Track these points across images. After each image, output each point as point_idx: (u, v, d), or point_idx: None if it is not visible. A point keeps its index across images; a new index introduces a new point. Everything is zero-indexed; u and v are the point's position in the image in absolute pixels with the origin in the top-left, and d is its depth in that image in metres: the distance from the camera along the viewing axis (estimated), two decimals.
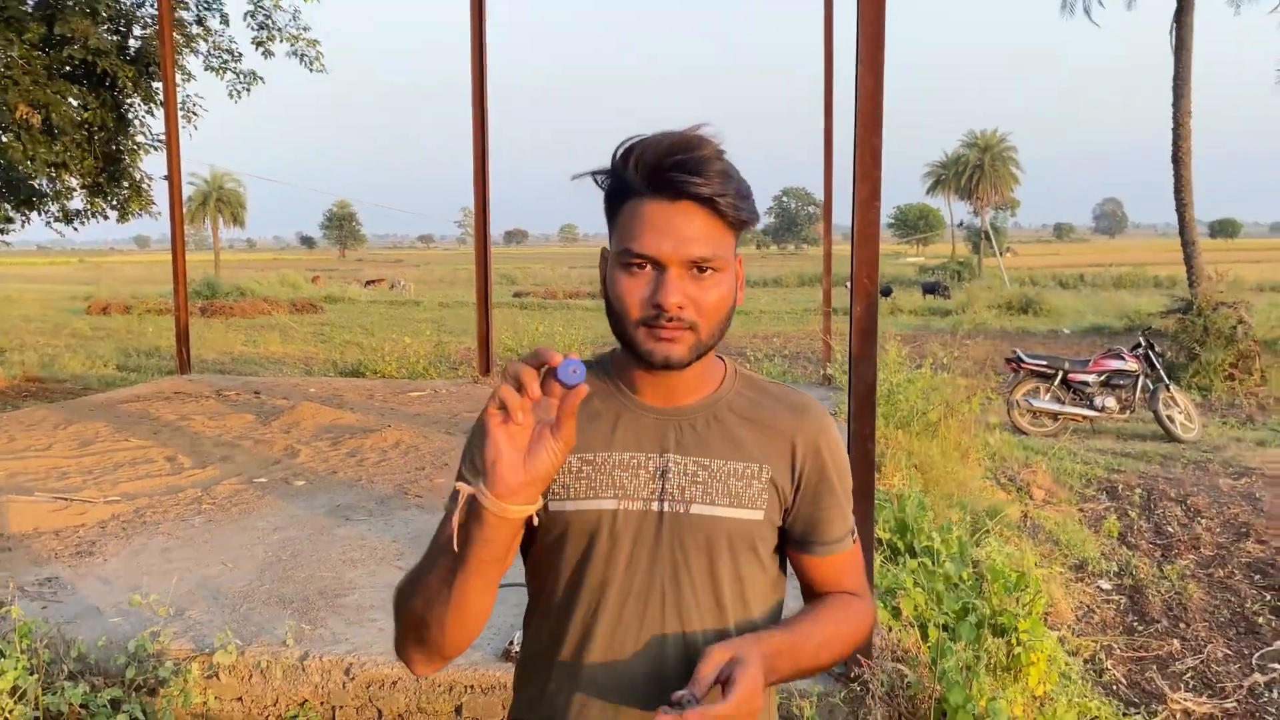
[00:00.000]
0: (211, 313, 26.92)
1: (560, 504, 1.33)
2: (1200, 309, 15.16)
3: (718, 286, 1.25)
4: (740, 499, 1.33)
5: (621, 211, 1.27)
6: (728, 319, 1.30)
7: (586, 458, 1.33)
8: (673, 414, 1.35)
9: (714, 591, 1.33)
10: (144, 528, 4.96)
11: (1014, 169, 66.34)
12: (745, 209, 1.26)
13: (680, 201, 1.22)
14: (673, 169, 1.21)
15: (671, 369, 1.27)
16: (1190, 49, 17.82)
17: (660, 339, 1.25)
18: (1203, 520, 7.14)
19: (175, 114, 9.81)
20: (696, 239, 1.22)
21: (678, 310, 1.23)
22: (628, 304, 1.25)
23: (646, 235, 1.23)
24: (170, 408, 8.29)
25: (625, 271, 1.25)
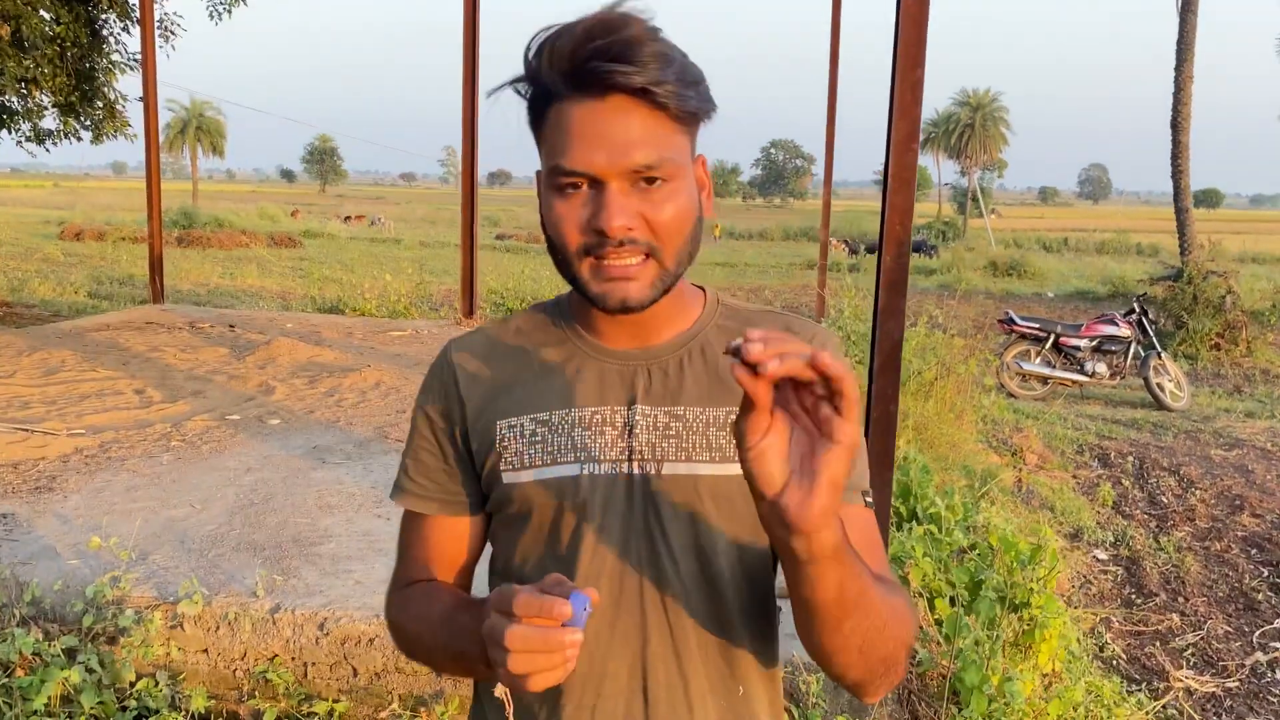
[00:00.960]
0: (188, 243, 26.39)
1: (515, 475, 1.11)
2: (1190, 277, 15.05)
3: (673, 198, 1.01)
4: (724, 451, 1.08)
5: (545, 122, 1.02)
6: (694, 236, 1.05)
7: (541, 418, 1.11)
8: (640, 357, 1.12)
9: (700, 564, 1.08)
10: (108, 463, 4.71)
11: (1004, 130, 65.95)
12: (692, 96, 1.00)
13: (609, 97, 0.97)
14: (593, 57, 0.96)
15: (631, 312, 1.04)
16: (1196, 11, 17.49)
17: (612, 277, 1.01)
18: (1197, 491, 7.03)
19: (152, 32, 9.37)
20: (636, 142, 0.98)
21: (625, 232, 0.99)
22: (564, 233, 1.02)
23: (576, 146, 0.98)
24: (141, 338, 7.99)
25: (558, 195, 1.02)
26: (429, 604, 1.15)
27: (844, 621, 0.93)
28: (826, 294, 9.80)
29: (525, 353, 1.15)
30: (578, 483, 1.08)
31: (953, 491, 4.38)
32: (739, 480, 1.05)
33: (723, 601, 1.09)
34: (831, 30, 9.36)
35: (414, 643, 1.18)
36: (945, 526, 3.92)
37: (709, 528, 1.08)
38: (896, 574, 3.48)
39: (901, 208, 2.75)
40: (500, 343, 1.17)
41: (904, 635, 1.01)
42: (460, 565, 1.21)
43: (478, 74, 8.96)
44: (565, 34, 0.98)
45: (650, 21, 0.98)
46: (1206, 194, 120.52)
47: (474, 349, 1.18)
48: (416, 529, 1.20)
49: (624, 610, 1.08)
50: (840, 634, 0.94)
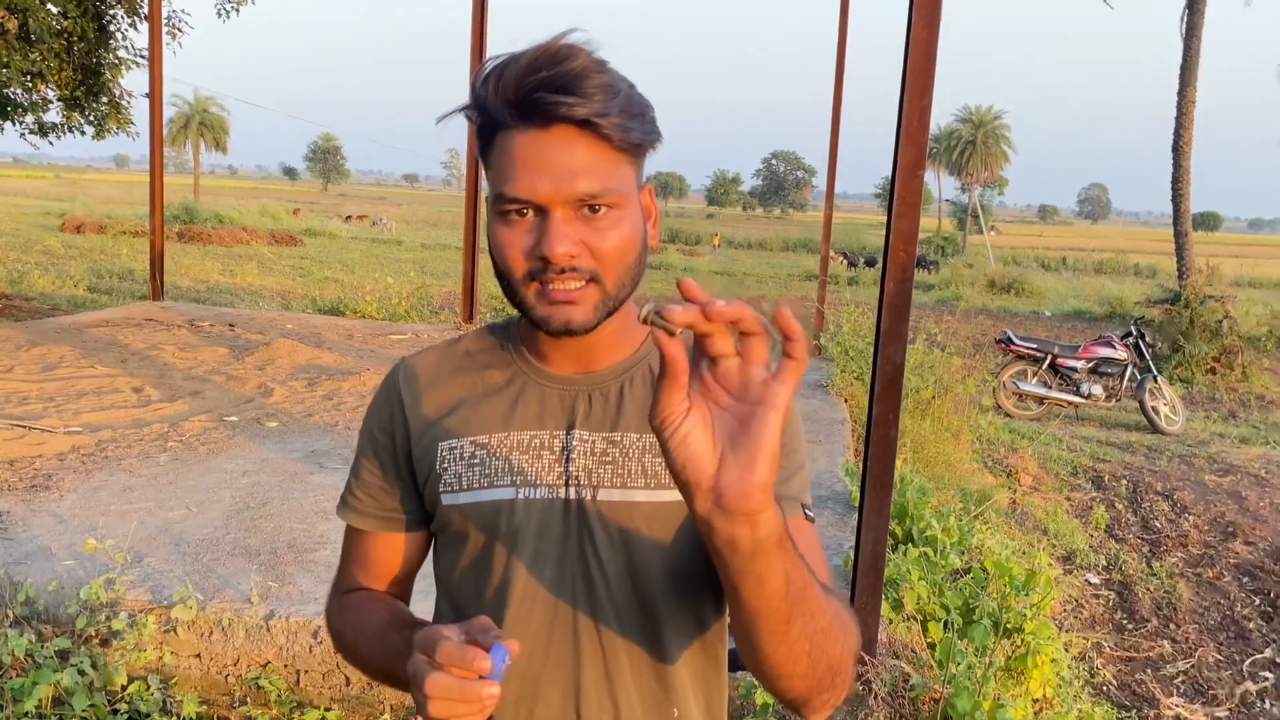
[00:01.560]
0: (189, 238, 26.37)
1: (453, 496, 1.12)
2: (1188, 301, 15.08)
3: (617, 227, 1.03)
4: (660, 478, 1.09)
5: (492, 150, 1.04)
6: (638, 265, 1.06)
7: (481, 441, 1.12)
8: (582, 382, 1.13)
9: (634, 590, 1.09)
10: (105, 463, 4.70)
11: (1005, 147, 66.14)
12: (636, 128, 1.01)
13: (553, 128, 0.99)
14: (538, 88, 0.97)
15: (574, 334, 1.04)
16: (1200, 37, 17.57)
17: (555, 300, 1.03)
18: (1190, 517, 7.04)
19: (159, 28, 9.38)
20: (580, 171, 0.99)
21: (568, 260, 1.00)
22: (509, 260, 1.03)
23: (520, 175, 1.00)
24: (140, 335, 7.99)
25: (502, 221, 1.03)
26: (366, 614, 1.20)
27: (793, 621, 0.88)
28: (825, 309, 9.81)
29: (471, 374, 1.17)
30: (513, 506, 1.10)
31: (948, 514, 4.39)
32: (675, 506, 1.09)
33: (657, 626, 1.10)
34: (838, 46, 9.39)
35: (350, 650, 1.22)
36: (940, 549, 3.93)
37: (644, 554, 1.09)
38: (892, 596, 3.49)
39: (906, 233, 2.76)
40: (448, 363, 1.19)
41: (849, 643, 0.98)
42: (397, 577, 1.25)
43: None
44: (511, 64, 0.99)
45: (596, 53, 1.00)
46: (1205, 217, 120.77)
47: (422, 369, 1.19)
48: (357, 542, 1.25)
49: (557, 634, 1.09)
50: (788, 638, 0.89)
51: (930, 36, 2.64)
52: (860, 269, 31.42)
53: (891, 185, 2.79)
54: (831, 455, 5.67)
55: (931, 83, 2.67)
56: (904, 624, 3.37)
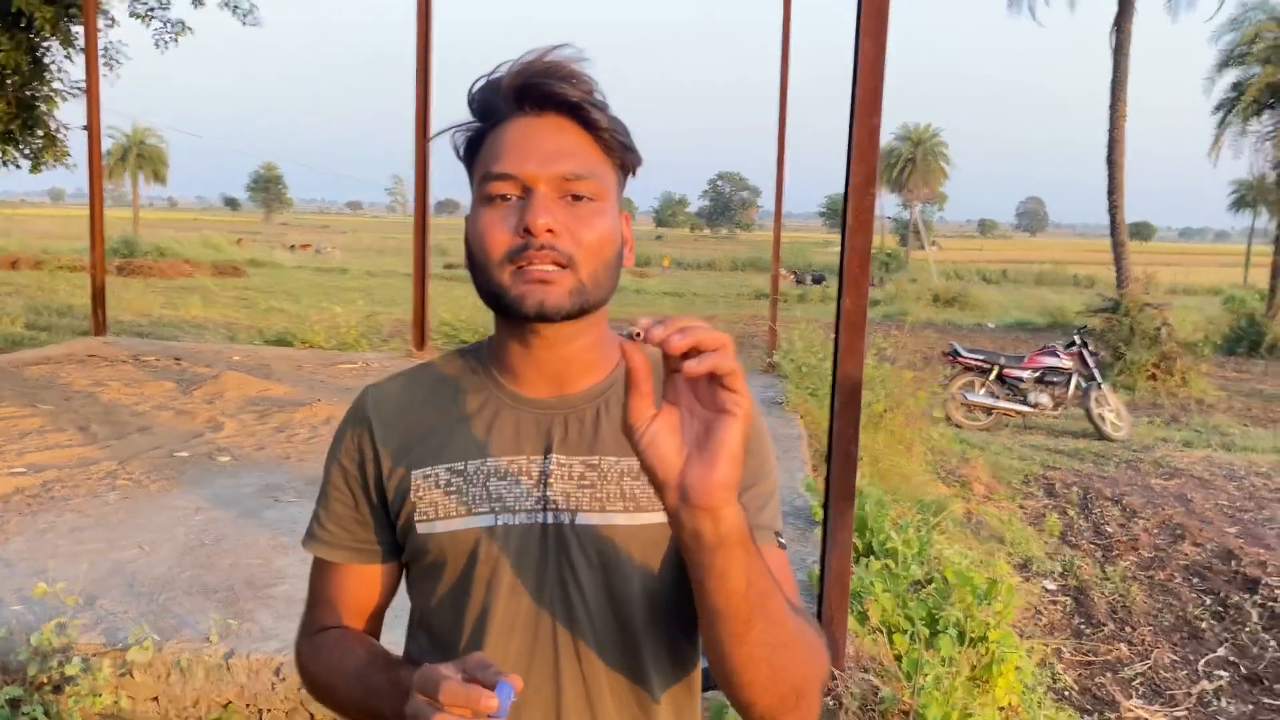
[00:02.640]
0: (129, 272, 25.88)
1: (429, 525, 1.11)
2: (1127, 309, 15.45)
3: (598, 218, 1.05)
4: (638, 501, 1.09)
5: (482, 147, 1.08)
6: (614, 267, 1.08)
7: (457, 468, 1.11)
8: (557, 406, 1.12)
9: (615, 615, 1.09)
10: (52, 504, 4.58)
11: (944, 164, 67.33)
12: (622, 132, 1.08)
13: (545, 114, 1.05)
14: (536, 75, 1.04)
15: (547, 318, 1.04)
16: (1128, 53, 18.09)
17: (530, 279, 1.02)
18: (1139, 520, 7.19)
19: (96, 61, 9.23)
20: (567, 152, 1.04)
21: (547, 235, 1.01)
22: (489, 242, 1.04)
23: (508, 154, 1.04)
24: (84, 372, 7.81)
25: (486, 205, 1.05)
26: (342, 654, 1.16)
27: (752, 623, 0.92)
28: (777, 326, 9.89)
29: (442, 400, 1.16)
30: (492, 534, 1.09)
31: (908, 525, 4.44)
32: (654, 529, 1.09)
33: (637, 650, 1.10)
34: (781, 69, 9.51)
35: (325, 692, 1.19)
36: (901, 560, 3.97)
37: (623, 577, 1.09)
38: (856, 609, 3.52)
39: (860, 249, 2.80)
40: (417, 389, 1.17)
41: (815, 667, 1.01)
42: (370, 611, 1.22)
43: (430, 103, 8.95)
44: (509, 69, 1.06)
45: (585, 68, 1.06)
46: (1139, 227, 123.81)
47: (390, 396, 1.18)
48: (327, 576, 1.22)
49: (538, 660, 1.09)
50: (748, 640, 0.93)
51: (879, 56, 2.70)
52: (808, 286, 31.78)
53: (845, 204, 2.83)
54: (790, 471, 5.71)
55: (880, 102, 2.72)
56: (870, 636, 3.40)
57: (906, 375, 8.24)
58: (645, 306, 25.12)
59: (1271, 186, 23.93)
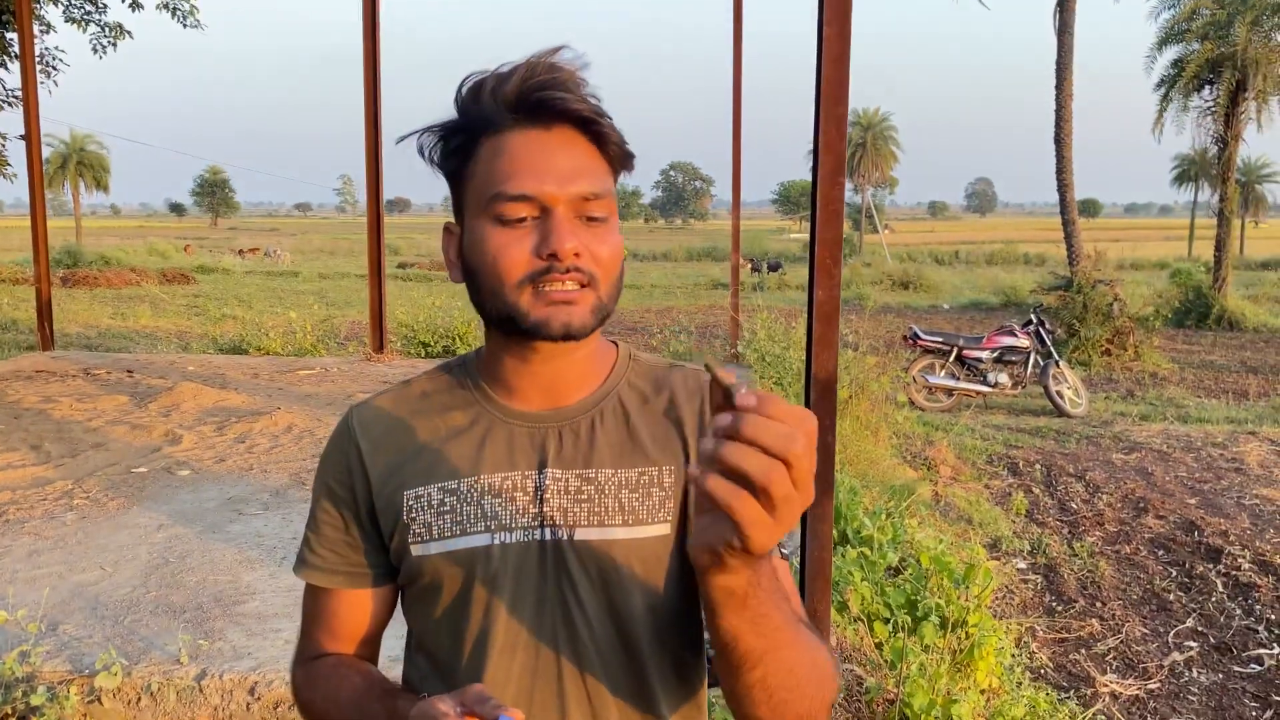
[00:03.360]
0: (74, 283, 25.32)
1: (423, 547, 1.07)
2: (1079, 286, 15.66)
3: (610, 235, 1.02)
4: (637, 514, 1.06)
5: (476, 158, 1.01)
6: (621, 280, 1.07)
7: (450, 487, 1.07)
8: (551, 419, 1.09)
9: (616, 629, 1.06)
10: (7, 527, 4.44)
11: (894, 148, 67.92)
12: (626, 142, 1.04)
13: (554, 128, 0.99)
14: (542, 88, 0.98)
15: (572, 338, 1.01)
16: (1073, 33, 18.29)
17: (554, 300, 0.99)
18: (1103, 496, 7.28)
19: (33, 67, 8.98)
20: (582, 171, 0.99)
21: (574, 258, 0.98)
22: (504, 264, 0.99)
23: (522, 173, 0.97)
24: (32, 388, 7.61)
25: (499, 225, 0.99)
26: (338, 683, 1.13)
27: (747, 672, 0.92)
28: (739, 316, 9.90)
29: (431, 417, 1.12)
30: (489, 553, 1.05)
31: (881, 511, 4.44)
32: (653, 542, 1.06)
33: (640, 666, 1.08)
34: (734, 58, 9.50)
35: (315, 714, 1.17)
36: (877, 547, 3.97)
37: (624, 592, 1.06)
38: (835, 599, 3.51)
39: (831, 240, 2.78)
40: (404, 407, 1.13)
41: (825, 694, 0.99)
42: (366, 637, 1.19)
43: (379, 102, 8.83)
44: (507, 72, 0.99)
45: (582, 71, 1.01)
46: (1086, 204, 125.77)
47: (377, 416, 1.13)
48: (321, 602, 1.18)
49: (540, 681, 1.06)
50: (743, 683, 0.93)
51: (843, 46, 2.67)
52: (764, 275, 31.88)
53: (813, 195, 2.80)
54: None
55: (846, 91, 2.70)
56: (851, 626, 3.39)
57: (869, 360, 8.27)
58: None
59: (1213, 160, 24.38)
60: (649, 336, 12.60)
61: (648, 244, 59.57)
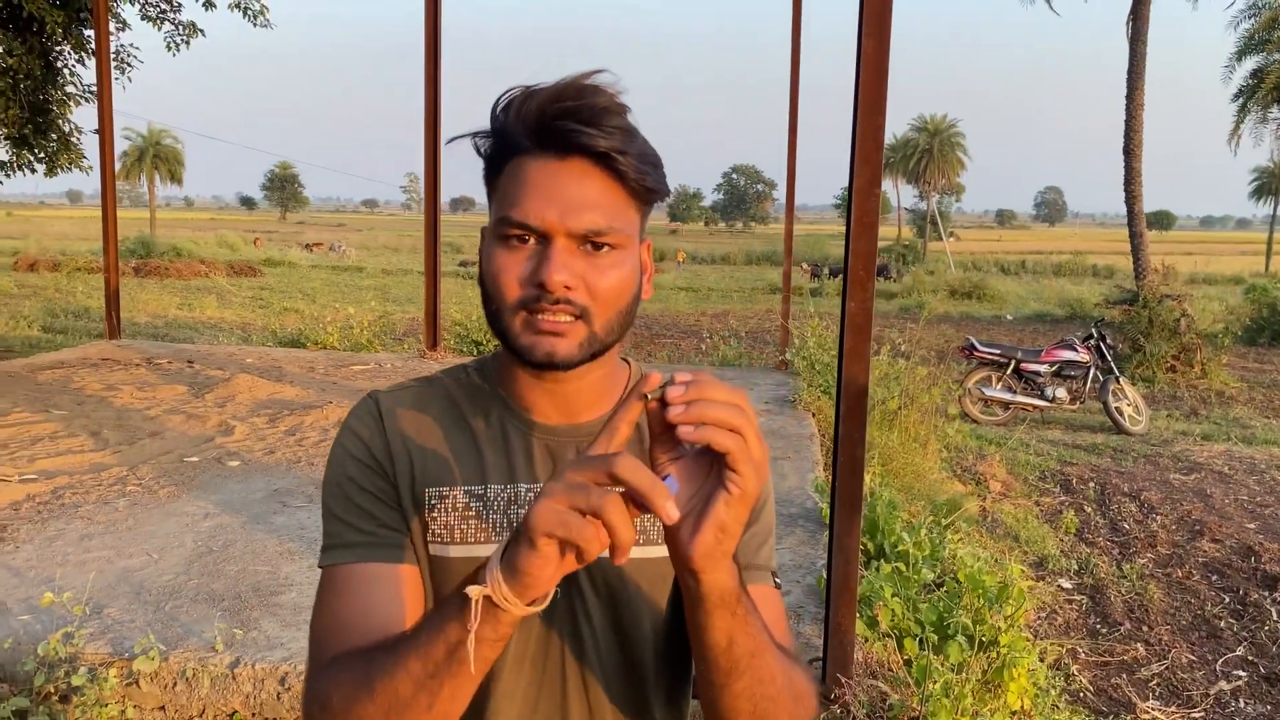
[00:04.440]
0: (145, 272, 26.05)
1: (443, 549, 1.07)
2: (1146, 301, 15.30)
3: (617, 267, 1.01)
4: (647, 533, 1.08)
5: (502, 175, 1.02)
6: (629, 312, 1.04)
7: (475, 491, 1.08)
8: (570, 434, 1.10)
9: (621, 648, 1.08)
10: (62, 511, 4.59)
11: (961, 154, 66.98)
12: (651, 175, 1.01)
13: (570, 159, 0.98)
14: (560, 116, 0.96)
15: (556, 368, 1.01)
16: (1145, 41, 17.89)
17: (541, 330, 0.99)
18: (1157, 517, 7.10)
19: (108, 64, 9.26)
20: (590, 204, 0.98)
21: (563, 290, 0.98)
22: (502, 285, 1.00)
23: (528, 199, 0.98)
24: (97, 376, 7.84)
25: (502, 245, 1.00)
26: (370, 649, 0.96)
27: (736, 677, 0.95)
28: (790, 323, 9.83)
29: (454, 418, 1.12)
30: None
31: (920, 526, 4.39)
32: (661, 563, 1.08)
33: (643, 683, 1.10)
34: (791, 61, 9.45)
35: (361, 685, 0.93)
36: (913, 563, 3.92)
37: (632, 610, 1.08)
38: (866, 614, 3.48)
39: (865, 253, 2.76)
40: (428, 404, 1.13)
41: (800, 713, 1.01)
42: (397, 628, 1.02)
43: (440, 102, 8.94)
44: (536, 93, 0.98)
45: (620, 96, 0.99)
46: (1159, 216, 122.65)
47: (401, 405, 1.12)
48: (358, 587, 1.03)
49: (545, 691, 1.08)
50: (730, 693, 0.96)
51: (880, 52, 2.65)
52: (824, 280, 31.65)
53: (848, 206, 2.79)
54: (801, 471, 5.67)
55: (884, 101, 2.67)
56: (880, 642, 3.36)
57: (921, 371, 8.17)
58: (659, 303, 25.08)
59: None
60: (699, 340, 12.57)
61: (707, 247, 59.47)
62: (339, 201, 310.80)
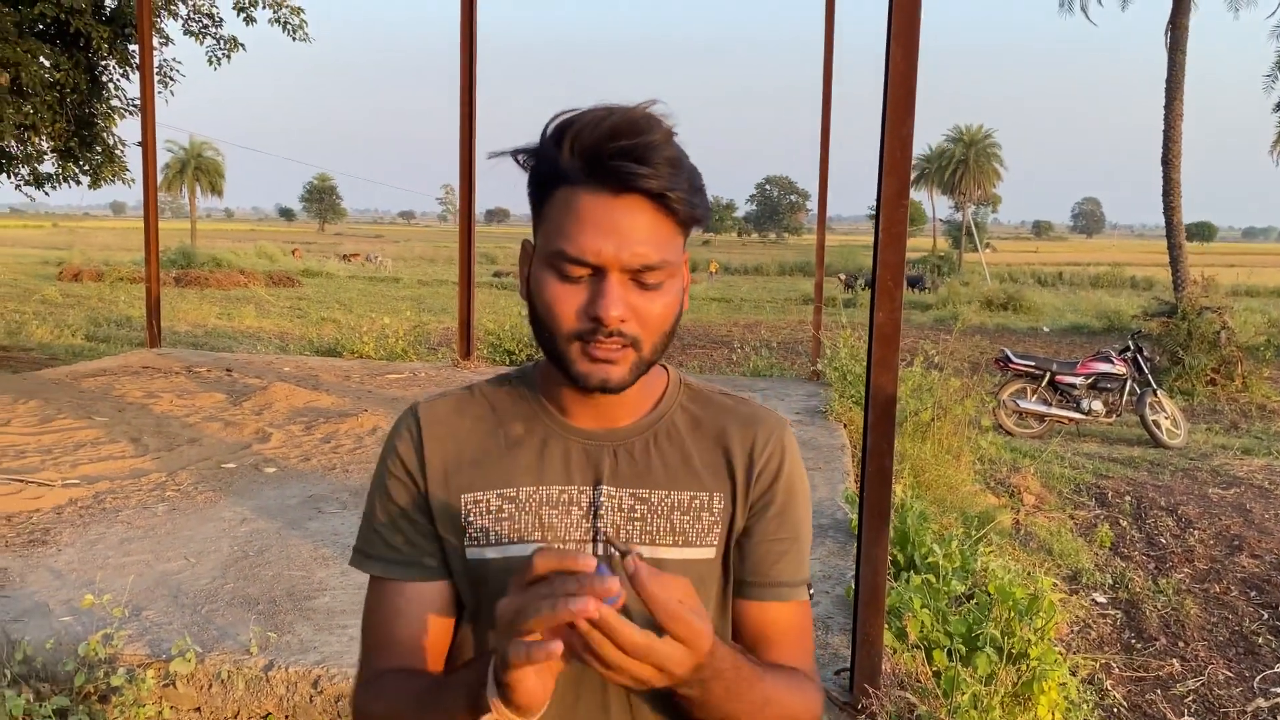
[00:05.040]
0: (186, 282, 26.47)
1: (480, 551, 1.11)
2: (1185, 313, 15.10)
3: (664, 296, 1.05)
4: (687, 536, 1.11)
5: (551, 201, 1.05)
6: (674, 331, 1.10)
7: (509, 494, 1.12)
8: (606, 438, 1.14)
9: None
10: (103, 515, 4.69)
11: (997, 165, 66.43)
12: (699, 205, 1.04)
13: (624, 195, 1.01)
14: (617, 156, 0.99)
15: (609, 393, 1.07)
16: (1185, 51, 17.69)
17: (596, 359, 1.04)
18: (1195, 531, 7.00)
19: (151, 78, 9.45)
20: (644, 241, 1.02)
21: (618, 324, 1.02)
22: (558, 315, 1.04)
23: (585, 235, 1.01)
24: (138, 384, 7.99)
25: (556, 276, 1.04)
26: (407, 680, 1.11)
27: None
28: (821, 334, 9.81)
29: (492, 425, 1.16)
30: None
31: (951, 538, 4.37)
32: (701, 565, 1.11)
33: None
34: (824, 71, 9.45)
35: None
36: (943, 575, 3.91)
37: None
38: (895, 625, 3.47)
39: (893, 263, 2.77)
40: (467, 411, 1.17)
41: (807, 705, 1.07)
42: (430, 642, 1.15)
43: (475, 115, 9.04)
44: (591, 126, 1.00)
45: (670, 127, 1.02)
46: (1200, 227, 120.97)
47: (440, 416, 1.17)
48: (385, 602, 1.15)
49: (585, 693, 1.10)
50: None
51: (908, 61, 2.66)
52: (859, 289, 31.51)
53: (876, 217, 2.80)
54: (832, 482, 5.66)
55: (912, 111, 2.68)
56: (908, 653, 3.35)
57: (954, 383, 8.12)
58: (693, 313, 25.09)
59: None
60: (731, 350, 12.59)
61: (740, 257, 59.42)
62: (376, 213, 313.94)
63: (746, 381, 9.46)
